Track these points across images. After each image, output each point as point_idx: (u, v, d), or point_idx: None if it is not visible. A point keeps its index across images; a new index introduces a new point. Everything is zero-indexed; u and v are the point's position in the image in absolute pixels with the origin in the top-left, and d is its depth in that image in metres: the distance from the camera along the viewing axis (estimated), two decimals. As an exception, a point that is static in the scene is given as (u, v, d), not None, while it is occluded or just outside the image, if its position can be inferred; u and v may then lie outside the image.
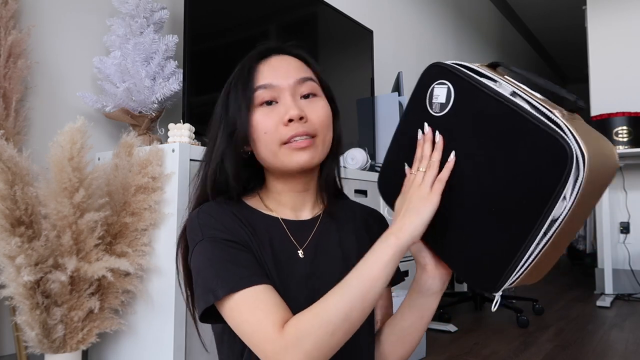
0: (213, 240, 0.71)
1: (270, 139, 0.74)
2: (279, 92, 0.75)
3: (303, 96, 0.76)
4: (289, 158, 0.74)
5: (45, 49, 1.49)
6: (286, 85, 0.75)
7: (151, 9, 1.58)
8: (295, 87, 0.75)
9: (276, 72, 0.76)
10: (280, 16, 2.08)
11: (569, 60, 7.25)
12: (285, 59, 0.78)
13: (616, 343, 2.32)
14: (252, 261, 0.71)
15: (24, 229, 1.11)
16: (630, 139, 3.39)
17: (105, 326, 1.24)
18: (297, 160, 0.73)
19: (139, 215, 1.27)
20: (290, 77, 0.75)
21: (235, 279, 0.67)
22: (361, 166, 2.08)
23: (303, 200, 0.81)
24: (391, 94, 2.48)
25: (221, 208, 0.76)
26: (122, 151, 1.33)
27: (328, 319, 0.62)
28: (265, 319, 0.63)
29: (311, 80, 0.77)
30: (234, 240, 0.71)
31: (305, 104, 0.75)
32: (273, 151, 0.74)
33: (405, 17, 3.50)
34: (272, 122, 0.74)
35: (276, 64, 0.77)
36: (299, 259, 0.77)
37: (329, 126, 0.77)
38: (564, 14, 5.51)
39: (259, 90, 0.75)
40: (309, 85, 0.76)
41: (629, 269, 3.62)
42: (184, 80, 1.56)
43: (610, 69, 3.91)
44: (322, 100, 0.77)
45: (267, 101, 0.75)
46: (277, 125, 0.73)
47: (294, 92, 0.75)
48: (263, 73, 0.76)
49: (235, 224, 0.74)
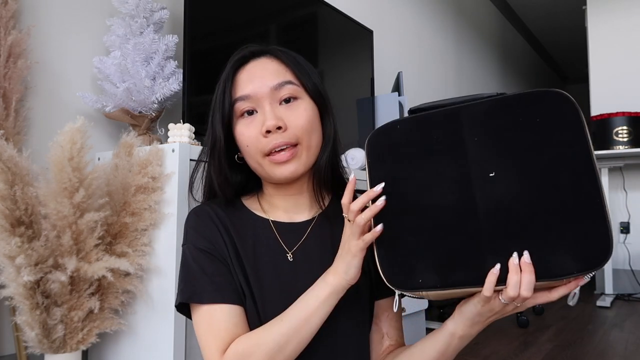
0: (192, 247, 0.75)
1: (252, 151, 0.74)
2: (257, 101, 0.74)
3: (284, 100, 0.74)
4: (272, 171, 0.73)
5: (45, 49, 1.49)
6: (263, 93, 0.73)
7: (151, 9, 1.58)
8: (273, 94, 0.74)
9: (253, 81, 0.74)
10: (280, 16, 2.08)
11: (569, 60, 7.25)
12: (262, 63, 0.76)
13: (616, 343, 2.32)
14: (223, 275, 0.73)
15: (24, 229, 1.11)
16: (630, 139, 3.39)
17: (105, 326, 1.24)
18: (282, 173, 0.73)
19: (139, 215, 1.27)
20: (267, 83, 0.74)
21: (195, 292, 0.72)
22: (361, 166, 2.08)
23: (296, 203, 0.80)
24: (391, 94, 2.48)
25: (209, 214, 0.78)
26: (122, 151, 1.33)
27: (265, 347, 0.67)
28: (212, 343, 0.70)
29: (289, 84, 0.74)
30: (210, 251, 0.74)
31: (285, 110, 0.73)
32: (258, 162, 0.74)
33: (405, 17, 3.49)
34: (252, 134, 0.73)
35: (253, 70, 0.76)
36: (287, 262, 0.76)
37: (312, 129, 0.75)
38: (564, 14, 5.51)
39: (237, 102, 0.74)
40: (287, 89, 0.74)
41: (629, 269, 3.62)
42: (184, 80, 1.56)
43: (610, 69, 3.91)
44: (303, 103, 0.75)
45: (247, 111, 0.74)
46: (257, 137, 0.73)
47: (272, 98, 0.73)
48: (240, 83, 0.75)
49: (216, 233, 0.76)
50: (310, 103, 0.76)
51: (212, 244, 0.75)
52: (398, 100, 2.43)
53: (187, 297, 0.72)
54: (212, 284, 0.72)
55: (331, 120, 0.79)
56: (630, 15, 3.88)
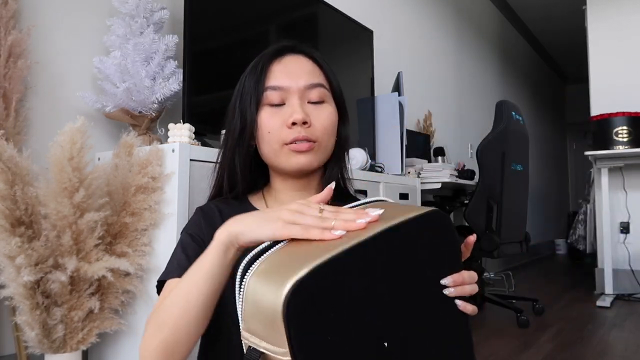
0: (185, 234, 0.79)
1: (273, 138, 0.75)
2: (288, 94, 0.76)
3: (311, 102, 0.77)
4: (287, 159, 0.75)
5: (45, 49, 1.49)
6: (295, 89, 0.76)
7: (151, 9, 1.58)
8: (304, 92, 0.76)
9: (288, 74, 0.76)
10: (280, 16, 2.08)
11: (569, 61, 7.25)
12: (299, 60, 0.79)
13: (616, 343, 2.32)
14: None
15: (24, 229, 1.11)
16: (630, 139, 3.39)
17: (105, 326, 1.24)
18: (297, 162, 0.75)
19: (139, 215, 1.27)
20: (301, 81, 0.76)
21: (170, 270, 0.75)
22: (361, 166, 2.08)
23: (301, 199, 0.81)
24: (391, 94, 2.48)
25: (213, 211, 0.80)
26: (122, 151, 1.33)
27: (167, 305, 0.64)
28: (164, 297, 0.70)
29: (321, 87, 0.78)
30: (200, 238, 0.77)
31: (312, 110, 0.76)
32: (275, 150, 0.76)
33: (405, 17, 3.49)
34: (276, 123, 0.75)
35: (289, 64, 0.78)
36: None
37: (332, 133, 0.78)
38: (564, 14, 5.51)
39: (268, 90, 0.76)
40: (318, 91, 0.77)
41: (629, 269, 3.62)
42: (184, 80, 1.56)
43: (610, 69, 3.91)
44: (329, 107, 0.78)
45: (275, 103, 0.76)
46: (281, 126, 0.75)
47: (302, 95, 0.76)
48: (275, 73, 0.77)
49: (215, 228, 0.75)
50: (334, 109, 0.80)
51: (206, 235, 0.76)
52: (398, 100, 2.43)
53: (164, 275, 0.76)
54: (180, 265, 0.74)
55: (347, 127, 0.83)
56: (630, 15, 3.88)
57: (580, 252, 4.72)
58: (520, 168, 2.81)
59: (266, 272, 0.49)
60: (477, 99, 4.68)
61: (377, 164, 2.29)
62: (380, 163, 2.31)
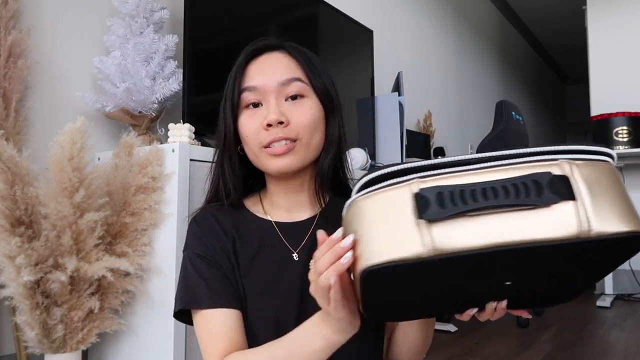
0: (192, 253, 0.76)
1: (252, 142, 0.74)
2: (264, 94, 0.74)
3: (290, 97, 0.74)
4: (267, 163, 0.74)
5: (45, 49, 1.49)
6: (271, 87, 0.74)
7: (151, 9, 1.58)
8: (280, 89, 0.74)
9: (263, 73, 0.75)
10: (280, 16, 2.08)
11: (569, 61, 7.25)
12: (275, 57, 0.77)
13: (616, 343, 2.32)
14: (221, 280, 0.73)
15: (24, 229, 1.11)
16: (630, 139, 3.39)
17: (105, 326, 1.24)
18: (276, 166, 0.73)
19: (139, 215, 1.27)
20: (276, 78, 0.74)
21: (194, 297, 0.73)
22: (361, 166, 2.08)
23: (297, 201, 0.80)
24: (391, 94, 2.48)
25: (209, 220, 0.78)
26: (122, 151, 1.33)
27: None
28: (210, 348, 0.70)
29: (298, 81, 0.75)
30: (208, 257, 0.75)
31: (289, 106, 0.74)
32: (256, 154, 0.75)
33: (405, 17, 3.49)
34: (254, 126, 0.73)
35: (265, 63, 0.76)
36: (293, 262, 0.76)
37: (314, 128, 0.74)
38: (564, 14, 5.51)
39: (244, 92, 0.74)
40: (295, 86, 0.74)
41: (629, 269, 3.62)
42: (184, 80, 1.56)
43: (610, 69, 3.91)
44: (309, 102, 0.75)
45: (252, 103, 0.75)
46: (258, 129, 0.73)
47: (279, 93, 0.74)
48: (250, 74, 0.75)
49: (216, 239, 0.76)
50: (317, 103, 0.76)
51: (212, 250, 0.75)
52: (398, 100, 2.43)
53: (186, 302, 0.73)
54: (210, 290, 0.72)
55: (337, 122, 0.79)
56: (630, 15, 3.88)
57: (580, 252, 4.72)
58: (520, 168, 2.80)
59: None
60: (477, 99, 4.68)
61: (377, 164, 2.29)
62: (380, 163, 2.31)
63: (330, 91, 0.78)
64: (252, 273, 0.75)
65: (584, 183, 0.47)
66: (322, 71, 0.78)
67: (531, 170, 0.48)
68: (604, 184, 0.48)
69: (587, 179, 0.48)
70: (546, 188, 0.47)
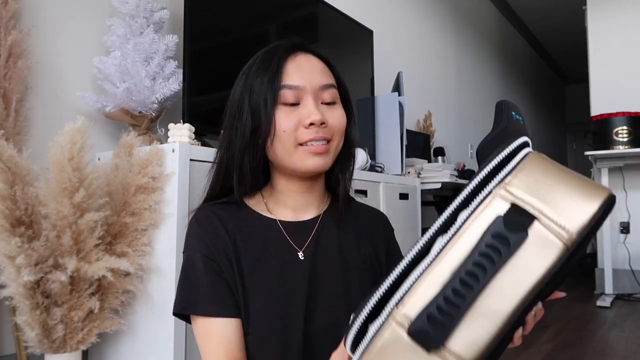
0: (193, 257, 0.75)
1: (287, 138, 0.73)
2: (303, 94, 0.75)
3: (324, 102, 0.76)
4: (302, 160, 0.74)
5: (45, 49, 1.49)
6: (310, 89, 0.75)
7: (151, 9, 1.58)
8: (319, 92, 0.75)
9: (302, 73, 0.75)
10: (280, 16, 2.08)
11: (569, 61, 7.25)
12: (311, 60, 0.78)
13: (616, 343, 2.32)
14: (219, 286, 0.73)
15: (24, 229, 1.11)
16: (630, 139, 3.39)
17: (105, 326, 1.24)
18: (312, 163, 0.74)
19: (139, 215, 1.27)
20: (315, 81, 0.75)
21: (189, 302, 0.73)
22: (361, 166, 2.08)
23: (305, 201, 0.80)
24: (391, 94, 2.48)
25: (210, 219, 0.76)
26: (122, 151, 1.33)
27: None
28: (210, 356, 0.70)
29: (333, 88, 0.77)
30: (208, 261, 0.74)
31: (325, 110, 0.75)
32: (289, 151, 0.74)
33: (405, 17, 3.49)
34: (292, 123, 0.73)
35: (303, 63, 0.76)
36: (298, 261, 0.76)
37: (342, 134, 0.78)
38: (564, 14, 5.51)
39: (284, 89, 0.74)
40: (330, 92, 0.76)
41: (629, 269, 3.62)
42: (184, 80, 1.56)
43: (610, 69, 3.91)
44: (340, 109, 0.78)
45: (290, 102, 0.75)
46: (297, 126, 0.73)
47: (316, 96, 0.75)
48: (289, 71, 0.75)
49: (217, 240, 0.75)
50: (343, 110, 0.79)
51: (212, 252, 0.74)
52: (398, 100, 2.43)
53: (182, 307, 0.73)
54: (207, 295, 0.72)
55: (353, 129, 0.81)
56: (630, 15, 3.88)
57: (580, 252, 4.72)
58: (520, 168, 2.81)
59: None
60: (477, 99, 4.68)
61: (377, 164, 2.29)
62: (380, 163, 2.31)
63: (349, 100, 0.82)
64: (256, 273, 0.74)
65: (529, 196, 0.45)
66: (343, 80, 0.81)
67: (478, 223, 0.45)
68: (545, 181, 0.46)
69: (528, 188, 0.45)
70: (507, 233, 0.44)
